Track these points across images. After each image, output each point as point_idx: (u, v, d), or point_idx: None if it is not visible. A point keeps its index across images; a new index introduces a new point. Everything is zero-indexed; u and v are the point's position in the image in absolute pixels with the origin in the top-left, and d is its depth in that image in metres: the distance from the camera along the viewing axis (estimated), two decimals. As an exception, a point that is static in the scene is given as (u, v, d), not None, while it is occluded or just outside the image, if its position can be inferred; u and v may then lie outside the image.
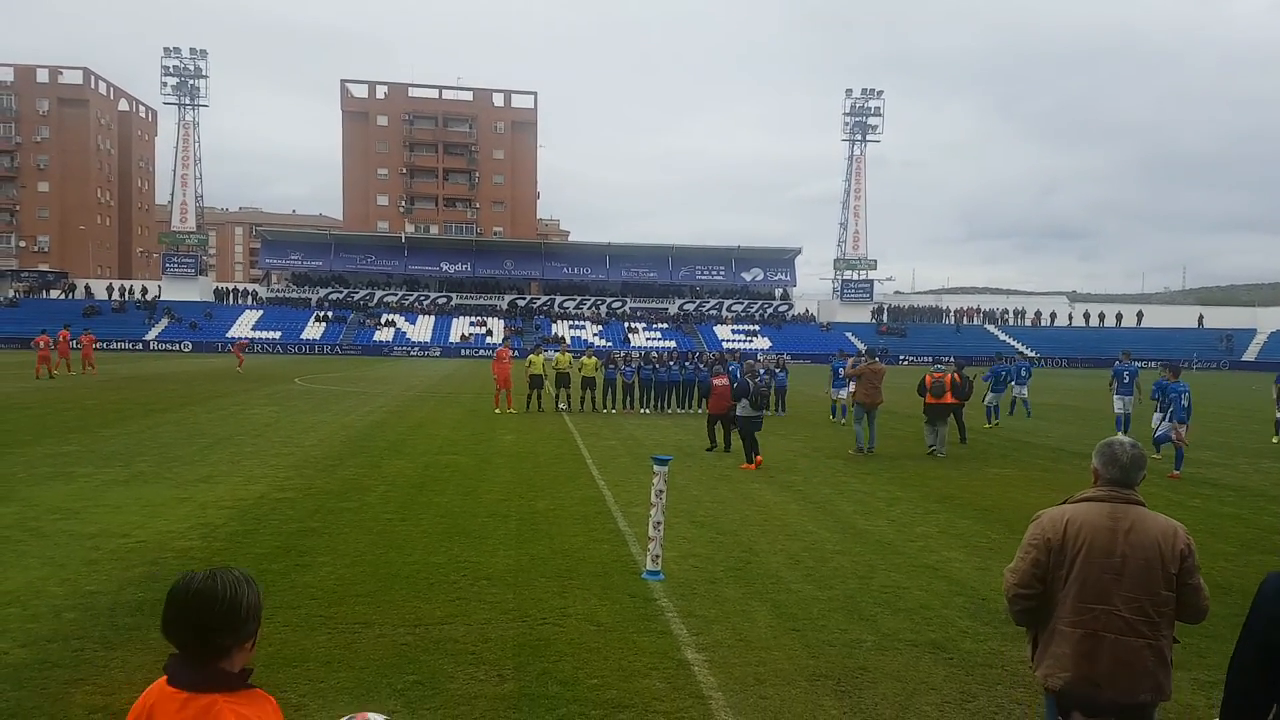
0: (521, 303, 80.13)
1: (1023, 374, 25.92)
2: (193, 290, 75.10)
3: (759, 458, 14.86)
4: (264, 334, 67.66)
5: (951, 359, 26.00)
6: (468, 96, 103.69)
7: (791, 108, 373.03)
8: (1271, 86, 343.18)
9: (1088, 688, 3.49)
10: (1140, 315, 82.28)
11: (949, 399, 17.24)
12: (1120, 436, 3.74)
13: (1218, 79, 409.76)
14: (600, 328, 75.33)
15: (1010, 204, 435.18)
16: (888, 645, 6.38)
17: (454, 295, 79.84)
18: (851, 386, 18.72)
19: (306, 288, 79.00)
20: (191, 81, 76.20)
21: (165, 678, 2.17)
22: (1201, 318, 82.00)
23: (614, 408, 24.90)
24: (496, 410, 23.31)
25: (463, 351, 67.95)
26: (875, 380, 17.10)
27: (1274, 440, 20.29)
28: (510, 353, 26.01)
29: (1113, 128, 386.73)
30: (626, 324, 76.46)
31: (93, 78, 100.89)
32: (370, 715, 2.29)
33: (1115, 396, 20.67)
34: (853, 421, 18.02)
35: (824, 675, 5.80)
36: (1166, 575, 3.47)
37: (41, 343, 32.51)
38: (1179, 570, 3.47)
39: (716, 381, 17.36)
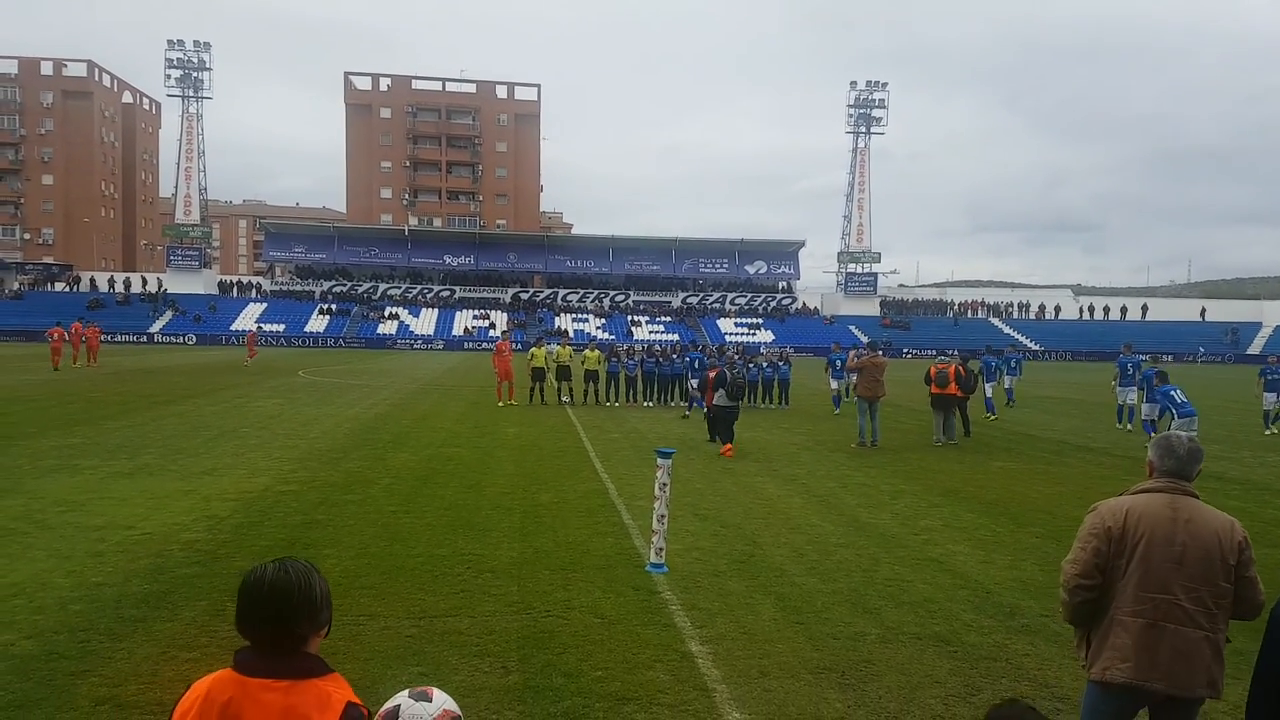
0: (525, 296, 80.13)
1: (1012, 365, 26.33)
2: (197, 283, 75.22)
3: (729, 445, 15.68)
4: (268, 327, 67.70)
5: (955, 352, 26.00)
6: (471, 89, 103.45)
7: (794, 102, 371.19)
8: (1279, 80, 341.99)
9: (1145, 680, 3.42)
10: (1145, 308, 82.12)
11: (953, 390, 17.32)
12: (1178, 431, 3.76)
13: (1225, 72, 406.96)
14: (603, 321, 75.30)
15: (1015, 197, 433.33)
16: (892, 638, 6.39)
17: (457, 288, 79.85)
18: (852, 379, 18.74)
19: (310, 280, 78.97)
20: (195, 74, 76.32)
21: (230, 672, 2.15)
22: (1204, 310, 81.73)
23: (617, 401, 24.92)
24: (500, 403, 23.35)
25: (466, 345, 67.94)
26: (876, 373, 17.10)
27: (1266, 433, 20.34)
28: (511, 345, 26.00)
29: (1119, 121, 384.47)
30: (630, 317, 76.42)
31: (97, 70, 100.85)
32: (436, 691, 2.29)
33: (1118, 388, 20.93)
34: (856, 414, 18.04)
35: (828, 668, 5.81)
36: (1225, 567, 3.47)
37: (55, 334, 32.54)
38: (1237, 562, 3.48)
39: (712, 374, 17.41)
